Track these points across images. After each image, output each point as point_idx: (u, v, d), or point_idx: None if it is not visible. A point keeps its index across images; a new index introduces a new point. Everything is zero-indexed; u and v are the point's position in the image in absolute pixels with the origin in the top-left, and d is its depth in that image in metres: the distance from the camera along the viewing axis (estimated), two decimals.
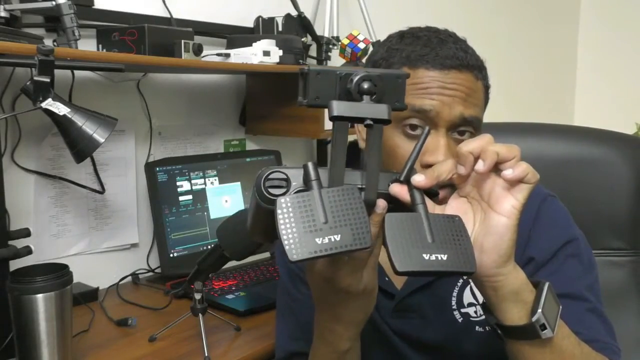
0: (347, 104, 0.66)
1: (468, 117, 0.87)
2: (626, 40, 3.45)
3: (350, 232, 0.64)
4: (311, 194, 0.65)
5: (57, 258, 1.45)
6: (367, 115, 0.65)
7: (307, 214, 0.64)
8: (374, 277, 0.76)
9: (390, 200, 0.71)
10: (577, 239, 0.95)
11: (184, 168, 1.64)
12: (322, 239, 0.63)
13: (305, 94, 0.69)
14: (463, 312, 0.95)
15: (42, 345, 1.03)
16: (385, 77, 0.68)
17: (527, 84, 3.24)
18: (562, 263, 0.92)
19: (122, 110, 1.54)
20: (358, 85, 0.67)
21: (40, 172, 1.45)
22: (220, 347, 1.21)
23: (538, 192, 0.97)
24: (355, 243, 0.63)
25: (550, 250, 0.92)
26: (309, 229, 0.63)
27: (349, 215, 0.64)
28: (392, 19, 2.36)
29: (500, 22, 3.02)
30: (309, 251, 0.63)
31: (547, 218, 0.95)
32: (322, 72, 0.68)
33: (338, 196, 0.65)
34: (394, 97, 0.69)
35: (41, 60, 1.06)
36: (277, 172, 0.71)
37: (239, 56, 1.55)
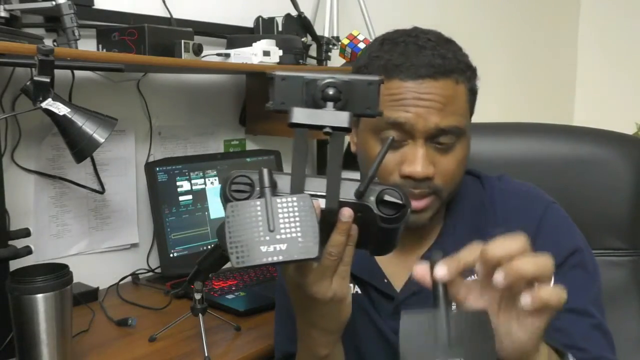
0: (307, 111, 0.65)
1: (445, 127, 0.86)
2: (626, 40, 3.45)
3: (298, 241, 0.63)
4: (262, 201, 0.65)
5: (57, 258, 1.45)
6: (327, 123, 0.64)
7: (255, 221, 0.64)
8: (343, 285, 0.75)
9: (357, 209, 0.70)
10: (582, 248, 0.94)
11: (184, 168, 1.64)
12: (267, 247, 0.63)
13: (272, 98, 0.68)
14: None
15: (42, 345, 1.03)
16: (353, 82, 0.67)
17: (527, 84, 3.24)
18: (567, 273, 0.91)
19: (122, 110, 1.54)
20: (322, 91, 0.66)
21: (40, 172, 1.45)
22: (220, 347, 1.21)
23: (541, 198, 0.97)
24: (302, 253, 0.63)
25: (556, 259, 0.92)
26: (256, 237, 0.63)
27: (298, 224, 0.64)
28: (392, 19, 2.35)
29: (500, 21, 3.02)
30: (252, 259, 0.62)
31: (551, 226, 0.94)
32: (287, 77, 0.68)
33: (289, 205, 0.65)
34: (364, 104, 0.68)
35: (41, 60, 1.06)
36: (242, 177, 0.71)
37: (239, 56, 1.55)
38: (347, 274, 0.75)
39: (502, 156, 1.24)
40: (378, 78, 0.68)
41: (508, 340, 0.67)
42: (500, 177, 1.02)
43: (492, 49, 2.97)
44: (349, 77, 0.67)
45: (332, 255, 0.72)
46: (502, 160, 1.23)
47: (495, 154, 1.24)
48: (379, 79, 0.68)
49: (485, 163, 1.12)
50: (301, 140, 0.67)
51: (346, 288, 0.76)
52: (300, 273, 0.73)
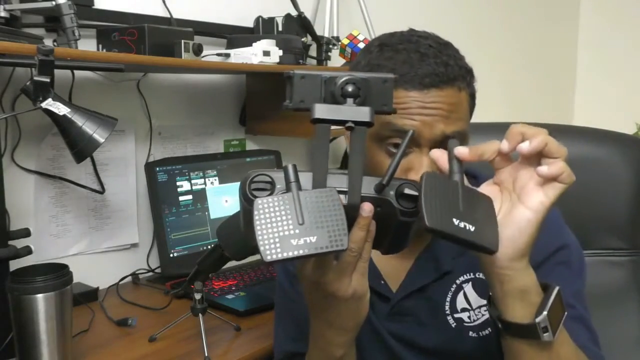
0: (329, 106, 0.66)
1: (450, 133, 0.87)
2: (626, 40, 3.45)
3: (327, 233, 0.64)
4: (289, 196, 0.66)
5: (57, 258, 1.45)
6: (349, 117, 0.65)
7: (283, 215, 0.64)
8: (363, 282, 0.75)
9: (377, 204, 0.71)
10: (569, 245, 0.95)
11: (184, 168, 1.64)
12: (297, 240, 0.63)
13: (291, 97, 0.69)
14: (456, 317, 0.95)
15: (42, 345, 1.03)
16: (370, 80, 0.68)
17: (527, 84, 3.24)
18: (551, 270, 0.91)
19: (122, 110, 1.54)
20: (341, 88, 0.67)
21: (40, 172, 1.45)
22: (220, 347, 1.21)
23: None
24: (332, 245, 0.63)
25: (540, 256, 0.91)
26: (285, 230, 0.64)
27: (326, 217, 0.65)
28: (392, 19, 2.36)
29: (500, 21, 3.03)
30: (283, 252, 0.63)
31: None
32: (306, 75, 0.69)
33: (316, 198, 0.66)
34: (380, 101, 0.69)
35: (41, 60, 1.06)
36: (262, 175, 0.71)
37: (239, 56, 1.55)
38: (366, 270, 0.75)
39: None
40: (393, 75, 0.70)
41: (505, 233, 0.73)
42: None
43: (492, 49, 2.97)
44: (365, 75, 0.69)
45: (353, 251, 0.72)
46: None
47: None
48: (394, 77, 0.70)
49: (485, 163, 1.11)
50: (323, 136, 0.67)
51: (366, 285, 0.76)
52: (320, 271, 0.73)
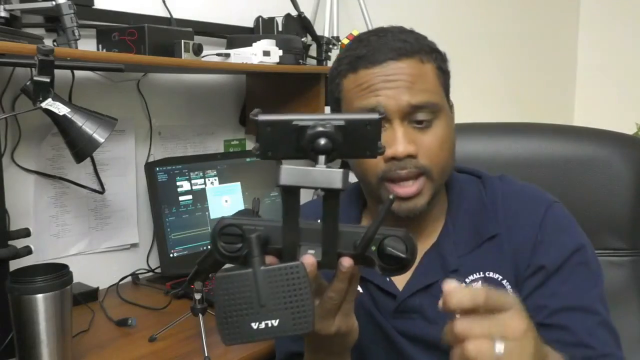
0: (295, 170, 0.58)
1: (417, 103, 0.87)
2: (626, 39, 3.45)
3: (291, 316, 0.60)
4: (250, 274, 0.61)
5: (57, 258, 1.45)
6: (318, 184, 0.58)
7: (244, 295, 0.60)
8: (347, 321, 0.75)
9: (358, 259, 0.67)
10: (585, 246, 0.94)
11: (184, 168, 1.64)
12: (258, 324, 0.60)
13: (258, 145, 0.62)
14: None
15: (42, 345, 1.03)
16: (348, 127, 0.60)
17: (527, 84, 3.24)
18: (572, 272, 0.91)
19: (122, 110, 1.54)
20: (312, 143, 0.59)
21: (40, 172, 1.45)
22: (220, 347, 1.20)
23: (543, 197, 0.97)
24: (295, 328, 0.60)
25: (560, 257, 0.92)
26: (246, 312, 0.60)
27: (291, 297, 0.60)
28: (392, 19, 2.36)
29: (500, 21, 3.02)
30: (243, 337, 0.60)
31: (554, 224, 0.94)
32: (273, 123, 0.60)
33: (280, 276, 0.61)
34: (363, 146, 0.62)
35: (41, 60, 1.06)
36: (231, 227, 0.66)
37: (239, 56, 1.55)
38: (351, 310, 0.75)
39: (502, 156, 1.24)
40: (377, 117, 0.62)
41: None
42: (502, 177, 1.02)
43: (492, 49, 2.97)
44: (346, 118, 0.61)
45: (333, 299, 0.71)
46: (502, 160, 1.23)
47: (495, 154, 1.25)
48: (379, 118, 0.62)
49: (485, 163, 1.12)
50: (292, 200, 0.62)
51: (350, 323, 0.76)
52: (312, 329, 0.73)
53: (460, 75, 3.06)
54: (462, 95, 3.03)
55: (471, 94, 2.83)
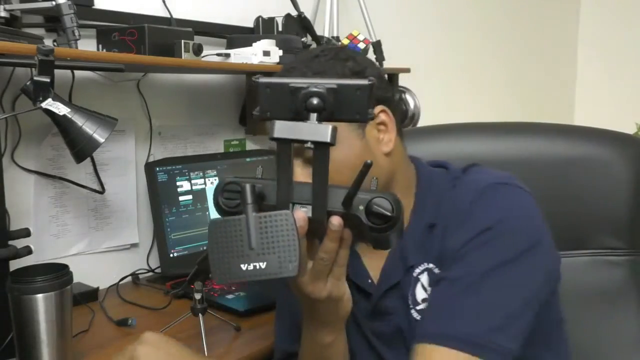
0: (288, 124, 0.64)
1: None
2: (627, 39, 3.45)
3: (277, 259, 0.64)
4: (242, 219, 0.65)
5: (57, 258, 1.45)
6: (308, 137, 0.64)
7: (236, 239, 0.65)
8: (339, 286, 0.77)
9: (347, 218, 0.71)
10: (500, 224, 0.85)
11: (184, 168, 1.64)
12: (247, 265, 0.64)
13: (258, 106, 0.68)
14: (419, 309, 0.94)
15: (42, 345, 1.03)
16: (341, 89, 0.65)
17: (527, 84, 3.24)
18: (471, 250, 0.85)
19: (122, 110, 1.54)
20: (304, 101, 0.65)
21: (40, 172, 1.45)
22: (220, 347, 1.21)
23: (481, 182, 0.92)
24: (281, 271, 0.64)
25: (464, 238, 0.86)
26: (236, 254, 0.64)
27: (278, 242, 0.64)
28: (392, 19, 2.36)
29: (500, 21, 3.02)
30: (231, 277, 0.64)
31: (476, 206, 0.89)
32: (271, 85, 0.67)
33: (270, 222, 0.65)
34: (352, 109, 0.66)
35: (41, 60, 1.06)
36: (232, 184, 0.72)
37: (239, 56, 1.55)
38: (342, 274, 0.77)
39: (501, 156, 1.24)
40: (367, 82, 0.66)
41: None
42: (467, 167, 0.99)
43: (491, 49, 2.97)
44: (337, 82, 0.66)
45: (325, 260, 0.74)
46: (502, 160, 1.23)
47: (494, 153, 1.25)
48: (369, 84, 0.66)
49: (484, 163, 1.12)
50: (284, 153, 0.66)
51: (342, 288, 0.78)
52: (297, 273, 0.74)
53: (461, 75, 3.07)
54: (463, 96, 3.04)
55: (471, 94, 2.84)
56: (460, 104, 2.74)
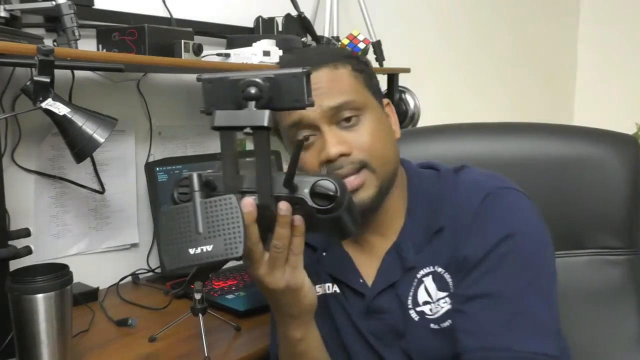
0: (227, 113, 0.67)
1: (335, 104, 0.90)
2: (626, 39, 3.45)
3: (223, 242, 0.66)
4: (189, 206, 0.68)
5: (57, 258, 1.45)
6: (246, 123, 0.67)
7: (183, 224, 0.67)
8: (296, 275, 0.79)
9: (293, 202, 0.72)
10: (517, 234, 0.89)
11: (184, 168, 1.64)
12: (194, 249, 0.66)
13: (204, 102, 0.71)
14: (418, 311, 0.95)
15: (42, 345, 1.03)
16: (276, 78, 0.68)
17: (527, 84, 3.24)
18: (497, 262, 0.88)
19: (122, 110, 1.54)
20: (242, 91, 0.68)
21: (40, 172, 1.45)
22: (220, 347, 1.21)
23: (485, 185, 0.94)
24: (226, 253, 0.66)
25: (483, 248, 0.89)
26: (184, 240, 0.66)
27: (223, 225, 0.66)
28: (392, 19, 2.36)
29: (500, 21, 3.02)
30: (181, 261, 0.66)
31: (486, 214, 0.91)
32: (213, 80, 0.70)
33: (215, 207, 0.67)
34: (291, 97, 0.69)
35: (41, 60, 1.06)
36: (186, 179, 0.73)
37: (239, 56, 1.55)
38: (298, 263, 0.78)
39: (501, 156, 1.24)
40: (302, 70, 0.69)
41: None
42: (459, 168, 1.00)
43: (492, 49, 2.97)
44: (274, 72, 0.68)
45: (278, 247, 0.75)
46: (501, 160, 1.23)
47: (494, 154, 1.25)
48: (304, 71, 0.69)
49: (484, 163, 1.12)
50: (227, 141, 0.69)
51: (300, 277, 0.79)
52: (252, 265, 0.77)
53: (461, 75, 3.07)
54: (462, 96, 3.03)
55: (471, 94, 2.84)
56: (460, 104, 2.74)
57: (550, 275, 0.91)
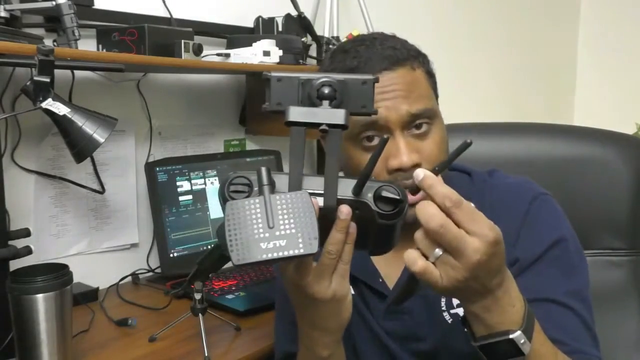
0: (303, 109, 0.67)
1: (415, 112, 0.88)
2: (626, 39, 3.45)
3: (297, 237, 0.64)
4: (260, 199, 0.65)
5: (57, 258, 1.45)
6: (323, 120, 0.66)
7: (254, 218, 0.64)
8: (343, 284, 0.75)
9: (355, 206, 0.71)
10: (566, 240, 0.93)
11: (184, 168, 1.64)
12: (267, 243, 0.63)
13: (269, 99, 0.70)
14: (452, 313, 0.94)
15: (42, 345, 1.03)
16: (348, 82, 0.69)
17: (527, 84, 3.24)
18: (546, 265, 0.90)
19: (122, 110, 1.54)
20: (317, 90, 0.68)
21: (40, 172, 1.45)
22: (220, 347, 1.21)
23: (529, 190, 0.96)
24: (301, 248, 0.63)
25: (535, 251, 0.91)
26: (255, 234, 0.64)
27: (297, 220, 0.64)
28: (392, 19, 2.36)
29: (500, 21, 3.02)
30: (252, 256, 0.63)
31: (536, 218, 0.93)
32: (283, 78, 0.70)
33: (288, 202, 0.65)
34: (359, 102, 0.69)
35: (41, 60, 1.06)
36: (240, 177, 0.71)
37: (239, 56, 1.55)
38: (346, 272, 0.75)
39: (502, 156, 1.24)
40: (372, 77, 0.70)
41: None
42: (492, 172, 1.01)
43: (492, 49, 2.97)
44: (343, 76, 0.69)
45: (331, 253, 0.72)
46: (502, 159, 1.23)
47: (495, 153, 1.25)
48: (373, 78, 0.70)
49: (485, 163, 1.12)
50: (298, 138, 0.68)
51: (346, 287, 0.76)
52: (300, 273, 0.73)
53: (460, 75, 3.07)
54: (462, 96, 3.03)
55: (471, 94, 2.84)
56: (460, 104, 2.73)
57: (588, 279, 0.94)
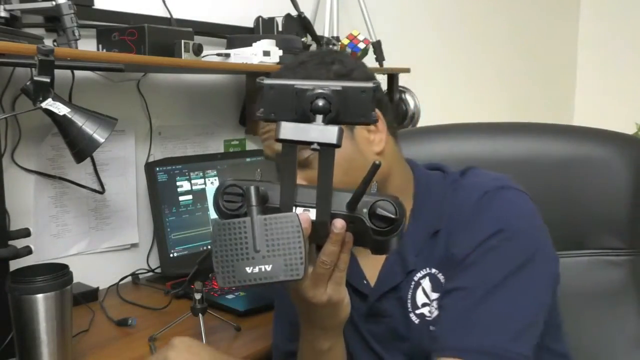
0: (294, 126, 0.62)
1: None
2: (626, 39, 3.45)
3: (283, 262, 0.63)
4: (247, 221, 0.64)
5: (57, 258, 1.45)
6: (315, 139, 0.62)
7: (240, 241, 0.64)
8: (339, 290, 0.77)
9: (350, 221, 0.70)
10: (507, 229, 0.86)
11: (184, 168, 1.64)
12: (252, 268, 0.63)
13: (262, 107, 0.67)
14: (418, 313, 0.94)
15: (42, 345, 1.03)
16: (346, 91, 0.65)
17: (527, 84, 3.24)
18: (479, 257, 0.86)
19: (122, 110, 1.54)
20: (311, 103, 0.64)
21: (40, 172, 1.45)
22: (220, 347, 1.21)
23: (483, 185, 0.92)
24: (286, 274, 0.63)
25: (472, 243, 0.88)
26: (241, 257, 0.63)
27: (284, 244, 0.64)
28: (392, 19, 2.36)
29: (500, 21, 3.02)
30: (237, 280, 0.63)
31: (481, 210, 0.89)
32: (276, 86, 0.66)
33: (275, 225, 0.64)
34: (358, 112, 0.66)
35: (41, 60, 1.06)
36: (233, 187, 0.71)
37: (239, 56, 1.55)
38: (342, 279, 0.76)
39: (501, 156, 1.24)
40: (372, 85, 0.66)
41: None
42: (465, 170, 0.99)
43: (492, 49, 2.97)
44: (342, 84, 0.65)
45: (326, 264, 0.73)
46: (502, 160, 1.23)
47: (494, 154, 1.25)
48: (372, 86, 0.66)
49: (484, 163, 1.12)
50: (290, 154, 0.65)
51: (342, 292, 0.78)
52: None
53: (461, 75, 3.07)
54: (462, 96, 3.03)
55: (471, 94, 2.84)
56: (460, 104, 2.74)
57: (540, 279, 0.87)
